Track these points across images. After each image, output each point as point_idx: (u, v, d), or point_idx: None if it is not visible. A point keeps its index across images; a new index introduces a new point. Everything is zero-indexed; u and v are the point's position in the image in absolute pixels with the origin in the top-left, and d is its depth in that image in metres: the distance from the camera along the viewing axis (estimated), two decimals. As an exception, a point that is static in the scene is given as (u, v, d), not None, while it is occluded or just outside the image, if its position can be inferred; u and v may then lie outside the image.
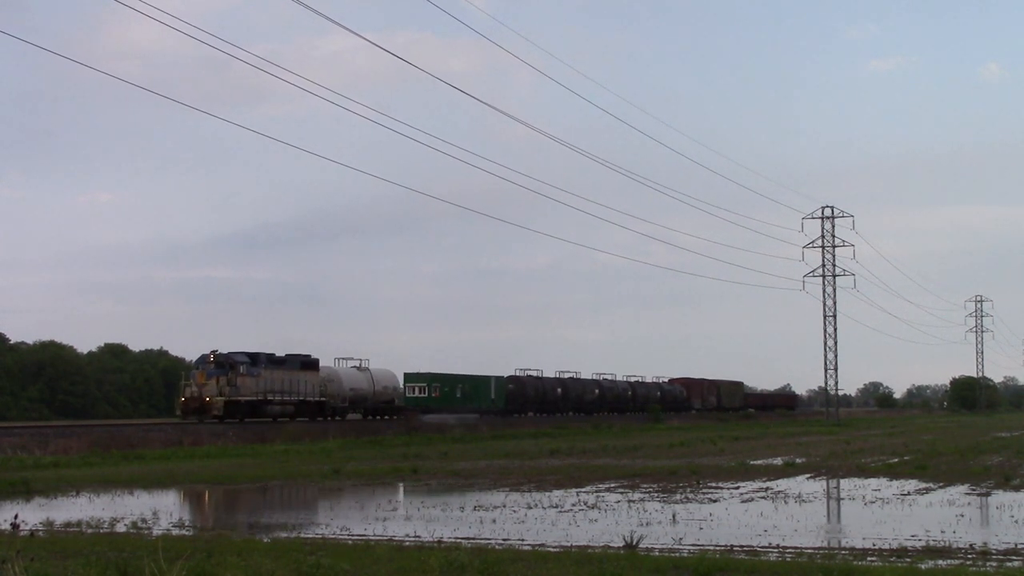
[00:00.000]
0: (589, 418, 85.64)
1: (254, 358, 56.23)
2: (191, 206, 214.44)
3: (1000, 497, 24.14)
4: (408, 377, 72.90)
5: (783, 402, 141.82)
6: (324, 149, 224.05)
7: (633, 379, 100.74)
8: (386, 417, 67.00)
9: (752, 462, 36.99)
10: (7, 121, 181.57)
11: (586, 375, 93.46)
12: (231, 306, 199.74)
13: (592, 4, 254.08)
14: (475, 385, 76.58)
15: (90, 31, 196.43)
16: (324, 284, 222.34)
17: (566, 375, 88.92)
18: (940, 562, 14.80)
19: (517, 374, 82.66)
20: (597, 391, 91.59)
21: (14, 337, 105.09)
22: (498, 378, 79.93)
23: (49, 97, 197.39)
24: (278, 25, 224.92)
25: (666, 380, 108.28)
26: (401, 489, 28.03)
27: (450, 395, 73.29)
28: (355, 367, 66.67)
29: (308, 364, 60.33)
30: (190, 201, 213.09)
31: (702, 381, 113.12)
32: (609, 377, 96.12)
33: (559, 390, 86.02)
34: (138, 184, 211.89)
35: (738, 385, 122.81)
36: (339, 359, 65.84)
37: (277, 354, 58.49)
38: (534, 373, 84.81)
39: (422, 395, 71.80)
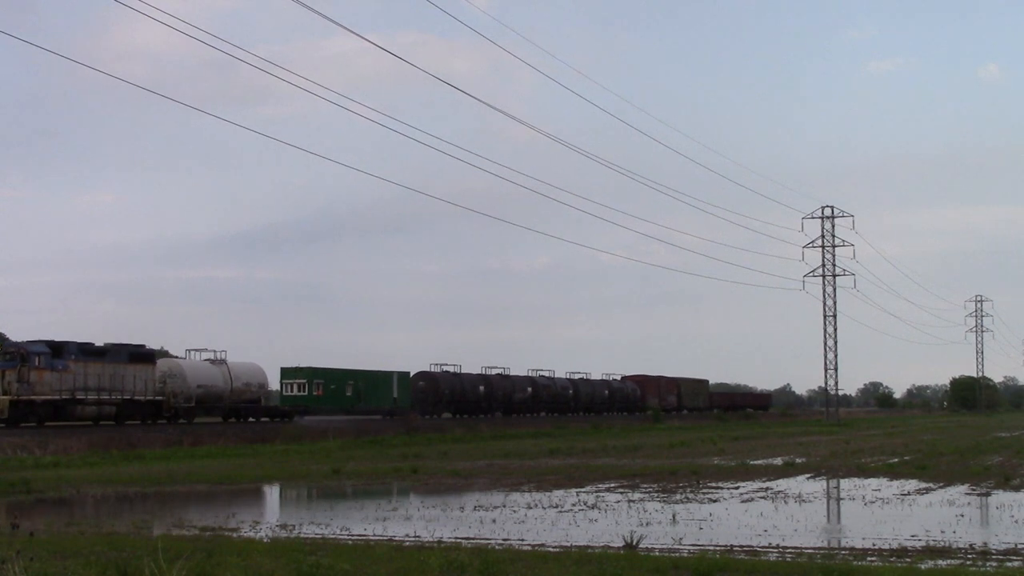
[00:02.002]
0: (520, 420, 76.50)
1: (58, 348, 47.38)
2: (194, 207, 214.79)
3: (1000, 497, 24.14)
4: (284, 372, 65.13)
5: (753, 402, 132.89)
6: (327, 150, 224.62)
7: (577, 376, 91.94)
8: (251, 420, 58.05)
9: (752, 462, 36.99)
10: (10, 121, 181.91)
11: (518, 372, 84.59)
12: (234, 306, 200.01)
13: (593, 5, 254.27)
14: (372, 382, 68.08)
15: (96, 32, 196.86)
16: (326, 284, 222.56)
17: (493, 371, 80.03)
18: (940, 562, 14.80)
19: (431, 369, 73.77)
20: (530, 389, 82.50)
21: (15, 337, 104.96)
22: (403, 374, 71.71)
23: (53, 98, 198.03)
24: (281, 27, 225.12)
25: (618, 377, 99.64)
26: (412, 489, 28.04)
27: (337, 393, 65.26)
28: (209, 360, 57.46)
29: (139, 356, 51.47)
30: (193, 202, 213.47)
31: (659, 379, 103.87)
32: (547, 374, 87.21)
33: (482, 388, 76.76)
34: (141, 184, 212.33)
35: (702, 383, 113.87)
36: (191, 351, 58.16)
37: (97, 343, 50.47)
38: (452, 368, 75.54)
39: (300, 393, 63.88)
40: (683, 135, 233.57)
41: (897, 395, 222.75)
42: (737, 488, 26.86)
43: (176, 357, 60.42)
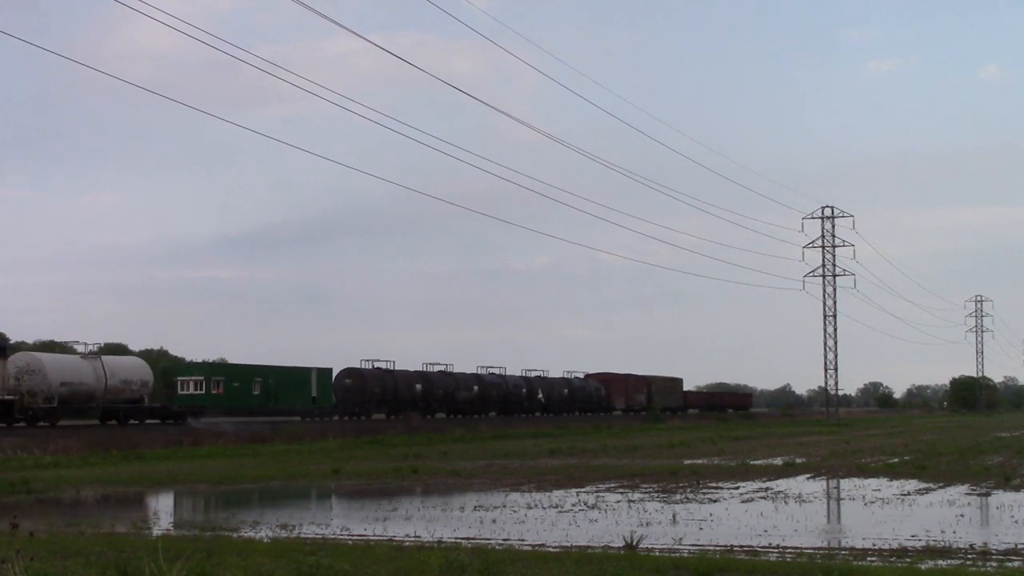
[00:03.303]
0: (464, 422, 69.95)
1: None
2: (195, 207, 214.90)
3: (1000, 497, 24.13)
4: (180, 369, 60.91)
5: (733, 401, 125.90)
6: (328, 150, 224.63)
7: (534, 374, 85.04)
8: (133, 422, 51.53)
9: (752, 462, 36.97)
10: (11, 121, 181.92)
11: (513, 372, 79.60)
12: (235, 306, 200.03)
13: (594, 6, 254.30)
14: (285, 379, 61.90)
15: (98, 33, 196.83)
16: (328, 284, 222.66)
17: (435, 367, 73.92)
18: (940, 562, 14.79)
19: (360, 366, 67.52)
20: (476, 388, 75.88)
21: (14, 337, 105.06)
22: (323, 370, 65.87)
23: (54, 97, 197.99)
24: (283, 27, 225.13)
25: (581, 375, 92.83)
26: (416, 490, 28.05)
27: (241, 392, 58.93)
28: (80, 355, 52.36)
29: None
30: (194, 202, 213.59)
31: (627, 377, 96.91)
32: (497, 371, 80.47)
33: (419, 387, 70.37)
34: (141, 185, 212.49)
35: (675, 382, 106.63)
36: (62, 343, 53.39)
37: None
38: (384, 364, 68.91)
39: (197, 392, 58.04)
40: (683, 135, 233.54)
41: (897, 395, 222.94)
42: (737, 488, 26.85)
43: (36, 351, 54.54)
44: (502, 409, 79.09)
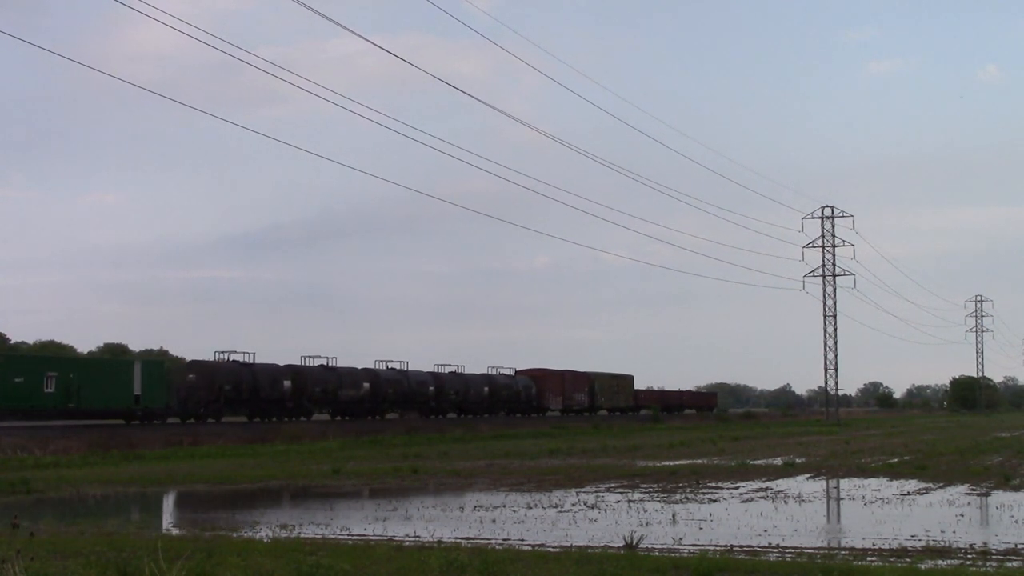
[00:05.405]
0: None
1: None
2: (197, 207, 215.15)
3: (1000, 497, 24.13)
4: None
5: (694, 401, 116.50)
6: (330, 151, 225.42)
7: (447, 369, 74.31)
8: None
9: (752, 462, 36.97)
10: (13, 122, 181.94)
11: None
12: (237, 306, 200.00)
13: (594, 6, 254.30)
14: (95, 374, 50.78)
15: (101, 34, 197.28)
16: (330, 284, 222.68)
17: (315, 362, 63.31)
18: (940, 562, 14.79)
19: (209, 359, 57.27)
20: (367, 385, 65.30)
21: (14, 337, 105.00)
22: (152, 363, 55.79)
23: (56, 98, 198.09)
24: (285, 28, 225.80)
25: (511, 371, 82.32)
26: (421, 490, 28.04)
27: (27, 389, 46.52)
28: None
29: None
30: (196, 202, 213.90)
31: (563, 374, 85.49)
32: (398, 366, 69.36)
33: (287, 384, 59.78)
34: (144, 185, 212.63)
35: (625, 380, 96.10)
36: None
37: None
38: (242, 357, 58.28)
39: None
40: (683, 135, 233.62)
41: (897, 395, 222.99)
42: (737, 488, 26.85)
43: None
44: (405, 409, 69.48)
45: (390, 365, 68.92)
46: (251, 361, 58.57)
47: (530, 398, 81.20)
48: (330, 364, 63.84)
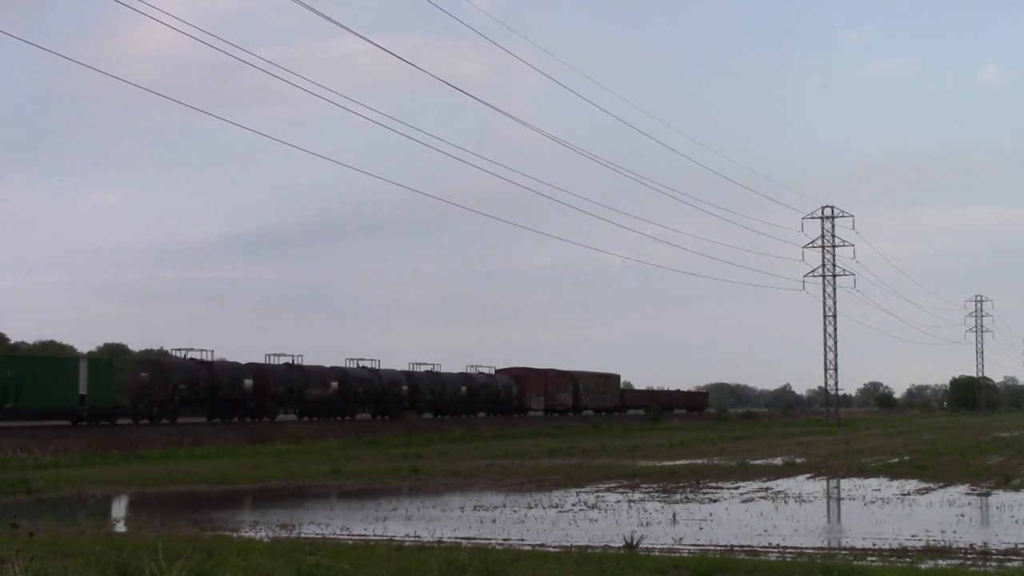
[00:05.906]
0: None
1: None
2: (197, 207, 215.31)
3: (1000, 497, 24.13)
4: None
5: (684, 401, 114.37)
6: (330, 151, 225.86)
7: (422, 368, 71.36)
8: None
9: (752, 462, 36.96)
10: (14, 122, 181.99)
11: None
12: (238, 306, 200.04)
13: (594, 6, 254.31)
14: (35, 371, 47.57)
15: (102, 34, 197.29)
16: (330, 284, 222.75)
17: (281, 359, 60.69)
18: (940, 562, 14.79)
19: (160, 359, 56.12)
20: (335, 384, 62.95)
21: (14, 337, 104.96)
22: (99, 361, 53.32)
23: (57, 98, 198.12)
24: (286, 29, 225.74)
25: (490, 370, 79.68)
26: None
27: None
28: None
29: None
30: (196, 202, 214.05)
31: (545, 373, 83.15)
32: (368, 364, 66.45)
33: (248, 382, 57.24)
34: (144, 185, 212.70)
35: (611, 379, 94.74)
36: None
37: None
38: (201, 355, 55.90)
39: None
40: (683, 135, 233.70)
41: (897, 395, 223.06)
42: (737, 488, 26.85)
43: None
44: (376, 410, 66.73)
45: (362, 363, 66.25)
46: (210, 359, 56.31)
47: (511, 398, 78.55)
48: (296, 362, 61.35)
